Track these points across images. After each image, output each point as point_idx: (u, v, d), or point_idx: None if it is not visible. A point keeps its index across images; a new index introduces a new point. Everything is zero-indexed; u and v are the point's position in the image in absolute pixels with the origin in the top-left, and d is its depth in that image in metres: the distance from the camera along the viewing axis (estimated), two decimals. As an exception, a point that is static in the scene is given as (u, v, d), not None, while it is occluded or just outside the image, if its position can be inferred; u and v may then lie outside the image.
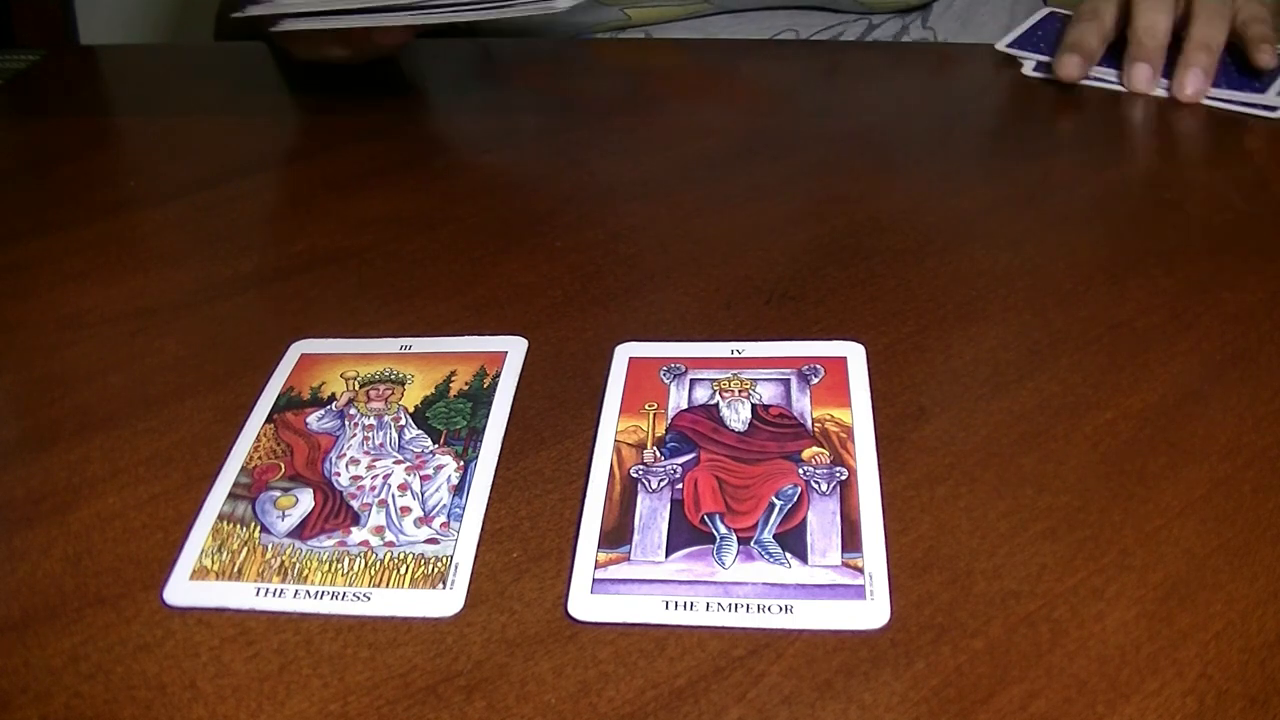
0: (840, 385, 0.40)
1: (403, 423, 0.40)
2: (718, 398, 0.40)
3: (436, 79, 0.72)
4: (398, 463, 0.39)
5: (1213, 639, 0.31)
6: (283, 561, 0.35)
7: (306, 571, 0.35)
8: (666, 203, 0.55)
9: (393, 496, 0.37)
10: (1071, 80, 0.62)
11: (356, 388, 0.42)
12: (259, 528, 0.36)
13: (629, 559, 0.34)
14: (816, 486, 0.36)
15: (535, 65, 0.70)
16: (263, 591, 0.34)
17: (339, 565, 0.35)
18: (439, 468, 0.38)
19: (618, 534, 0.35)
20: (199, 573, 0.35)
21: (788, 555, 0.34)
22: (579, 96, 0.66)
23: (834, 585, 0.33)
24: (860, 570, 0.33)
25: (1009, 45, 0.67)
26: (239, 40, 0.82)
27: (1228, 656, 0.31)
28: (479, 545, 0.35)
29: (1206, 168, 0.54)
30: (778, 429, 0.39)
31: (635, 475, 0.37)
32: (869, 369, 0.41)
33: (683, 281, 0.48)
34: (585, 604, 0.33)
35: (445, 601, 0.33)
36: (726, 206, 0.53)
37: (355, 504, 0.37)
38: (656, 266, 0.49)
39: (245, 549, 0.36)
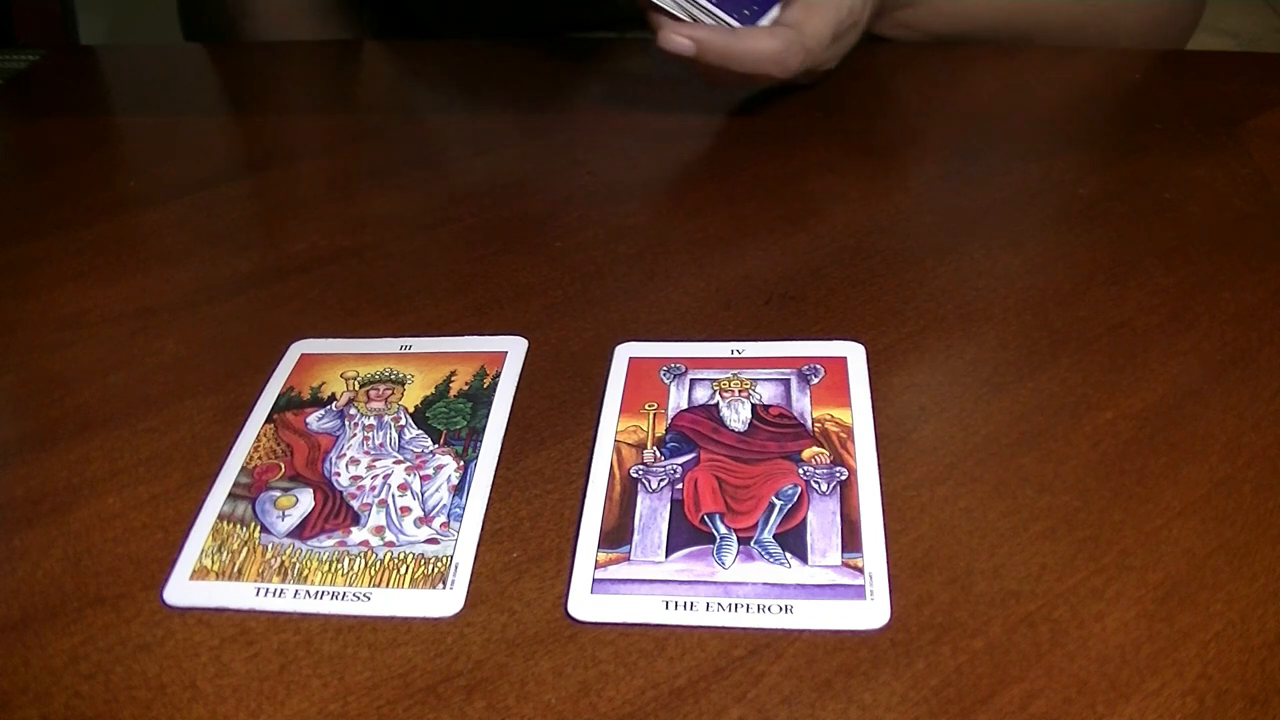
0: (840, 385, 0.40)
1: (403, 423, 0.40)
2: (718, 398, 0.40)
3: (436, 79, 0.72)
4: (398, 463, 0.39)
5: (1213, 639, 0.31)
6: (283, 561, 0.35)
7: (306, 571, 0.35)
8: (666, 203, 0.55)
9: (393, 496, 0.37)
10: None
11: (356, 388, 0.42)
12: (259, 528, 0.36)
13: (629, 559, 0.34)
14: (816, 486, 0.36)
15: (534, 65, 0.70)
16: (263, 591, 0.34)
17: (339, 565, 0.35)
18: (439, 468, 0.38)
19: (618, 534, 0.35)
20: (199, 573, 0.35)
21: (788, 555, 0.34)
22: (579, 96, 0.66)
23: (834, 585, 0.33)
24: (860, 570, 0.33)
25: None
26: (209, 40, 0.82)
27: (1228, 656, 0.31)
28: (479, 545, 0.35)
29: (1207, 167, 0.54)
30: (778, 429, 0.39)
31: (635, 475, 0.37)
32: (869, 369, 0.41)
33: (683, 281, 0.48)
34: (585, 604, 0.33)
35: (445, 601, 0.33)
36: (726, 206, 0.53)
37: (355, 504, 0.37)
38: (656, 266, 0.49)
39: (245, 549, 0.36)
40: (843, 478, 0.36)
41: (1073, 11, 0.70)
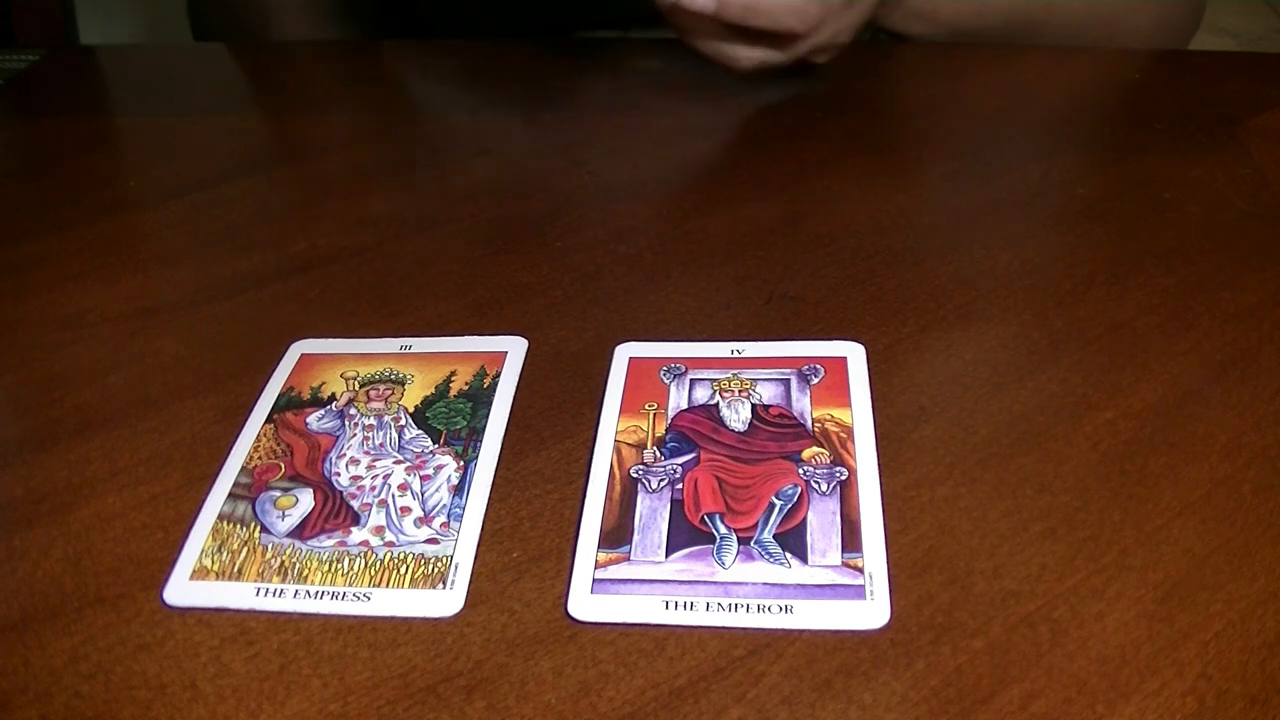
0: (840, 385, 0.40)
1: (403, 423, 0.40)
2: (718, 398, 0.40)
3: (436, 79, 0.72)
4: (398, 463, 0.39)
5: (1213, 639, 0.31)
6: (283, 561, 0.35)
7: (306, 571, 0.35)
8: (666, 203, 0.55)
9: (393, 496, 0.37)
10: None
11: (356, 388, 0.42)
12: (259, 528, 0.36)
13: (629, 559, 0.34)
14: (816, 486, 0.36)
15: (535, 65, 0.70)
16: (263, 591, 0.34)
17: (339, 565, 0.35)
18: (439, 468, 0.38)
19: (618, 534, 0.35)
20: (199, 573, 0.35)
21: (788, 555, 0.34)
22: (579, 96, 0.66)
23: (834, 585, 0.33)
24: (860, 570, 0.33)
25: None
26: (219, 39, 0.82)
27: (1228, 656, 0.31)
28: (479, 545, 0.35)
29: (1207, 167, 0.54)
30: (778, 429, 0.39)
31: (635, 475, 0.37)
32: (869, 369, 0.41)
33: (683, 281, 0.48)
34: (585, 604, 0.33)
35: (445, 601, 0.33)
36: (726, 206, 0.53)
37: (355, 504, 0.37)
38: (656, 266, 0.49)
39: (245, 549, 0.36)
40: (843, 478, 0.36)
41: (1079, 9, 0.70)
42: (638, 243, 0.51)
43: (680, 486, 0.37)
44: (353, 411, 0.41)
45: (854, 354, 0.42)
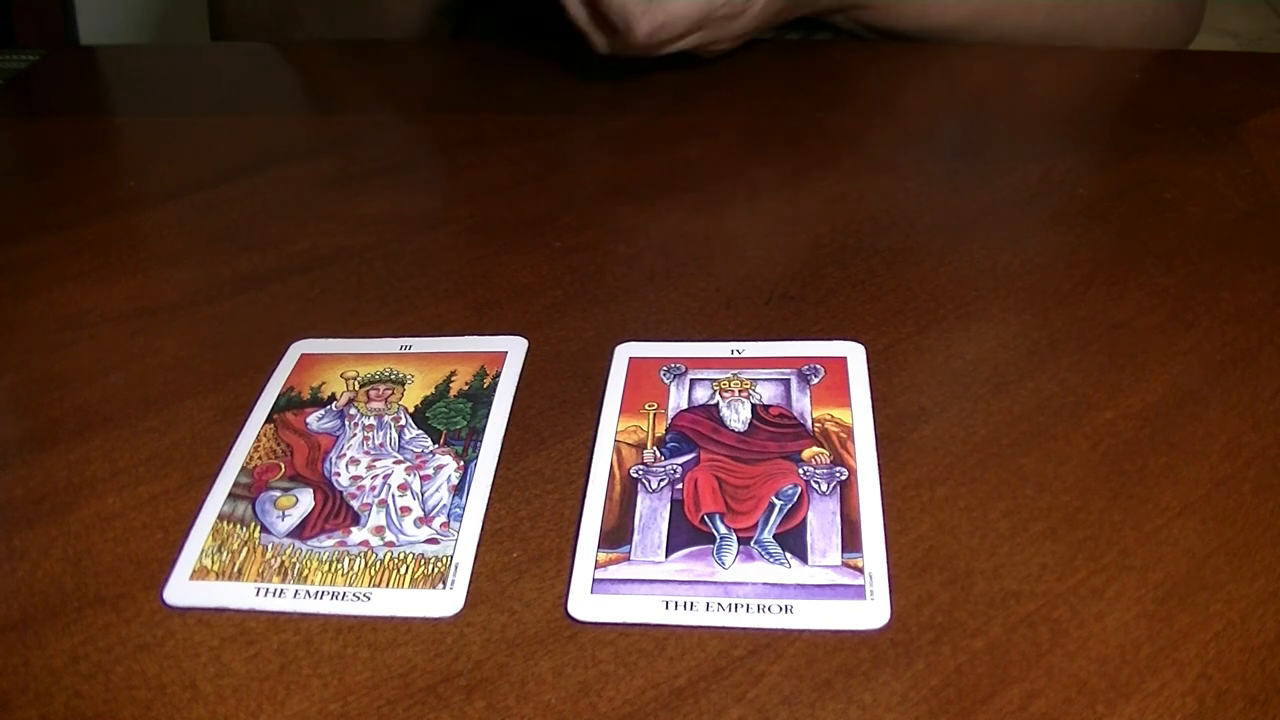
0: (840, 385, 0.40)
1: (403, 423, 0.40)
2: (718, 398, 0.40)
3: (436, 78, 0.72)
4: (398, 463, 0.39)
5: (1213, 639, 0.31)
6: (283, 561, 0.35)
7: (306, 571, 0.35)
8: (666, 203, 0.55)
9: (393, 496, 0.37)
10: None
11: (356, 388, 0.42)
12: (259, 528, 0.36)
13: (629, 559, 0.34)
14: (816, 486, 0.36)
15: (535, 65, 0.70)
16: (263, 591, 0.34)
17: (339, 565, 0.35)
18: (439, 468, 0.38)
19: (618, 534, 0.35)
20: (199, 573, 0.35)
21: (788, 555, 0.34)
22: (579, 96, 0.66)
23: (834, 585, 0.33)
24: (860, 570, 0.33)
25: None
26: (238, 39, 0.82)
27: (1228, 656, 0.31)
28: (479, 545, 0.35)
29: (1207, 167, 0.54)
30: (778, 429, 0.39)
31: (635, 475, 0.37)
32: (869, 369, 0.41)
33: (683, 281, 0.48)
34: (585, 604, 0.33)
35: (445, 601, 0.33)
36: (726, 206, 0.53)
37: (355, 504, 0.37)
38: (656, 266, 0.49)
39: (245, 549, 0.36)
40: (843, 478, 0.36)
41: (1043, 24, 0.69)
42: (638, 243, 0.51)
43: (680, 486, 0.37)
44: (353, 411, 0.41)
45: (854, 354, 0.42)
